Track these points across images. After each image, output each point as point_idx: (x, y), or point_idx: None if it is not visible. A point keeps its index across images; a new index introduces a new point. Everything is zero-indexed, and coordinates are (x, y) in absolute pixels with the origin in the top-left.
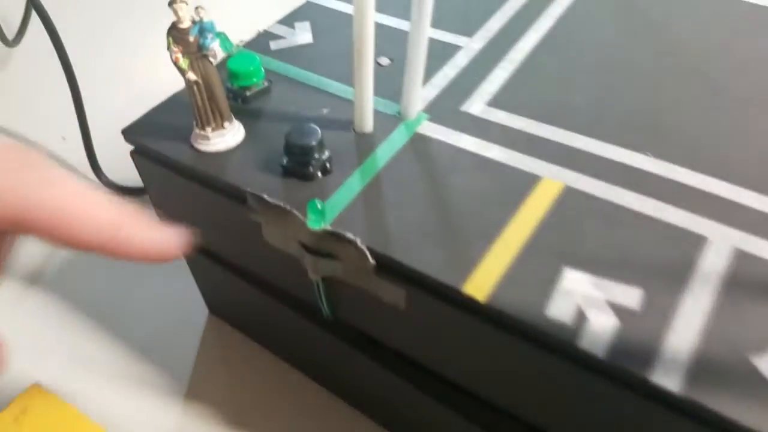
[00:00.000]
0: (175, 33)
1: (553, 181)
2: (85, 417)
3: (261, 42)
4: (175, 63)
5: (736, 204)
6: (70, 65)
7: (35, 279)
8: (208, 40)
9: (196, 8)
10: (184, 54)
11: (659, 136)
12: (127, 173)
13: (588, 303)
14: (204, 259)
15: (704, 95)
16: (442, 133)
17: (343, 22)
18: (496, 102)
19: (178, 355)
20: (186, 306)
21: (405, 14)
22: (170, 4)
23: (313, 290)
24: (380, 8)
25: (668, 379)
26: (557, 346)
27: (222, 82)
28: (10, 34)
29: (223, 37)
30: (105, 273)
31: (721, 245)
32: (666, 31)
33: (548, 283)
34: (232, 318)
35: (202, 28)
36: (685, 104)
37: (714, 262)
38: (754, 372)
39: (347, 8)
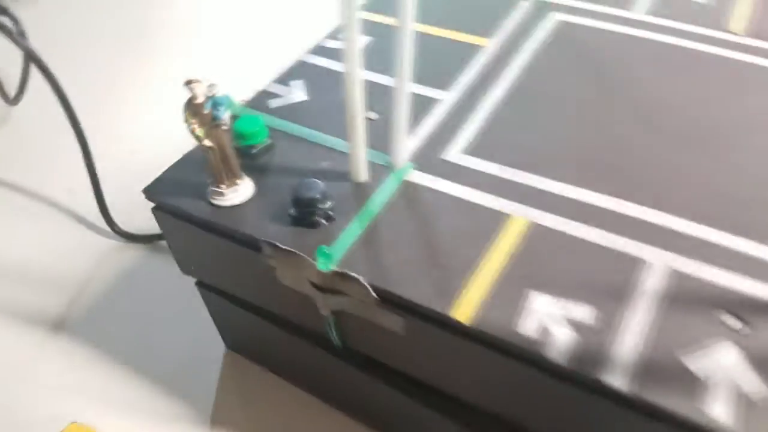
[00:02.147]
0: (191, 107)
1: (521, 218)
2: None
3: (260, 100)
4: (192, 132)
5: (671, 230)
6: (75, 117)
7: (59, 326)
8: (221, 112)
9: (210, 86)
10: (199, 125)
11: (609, 174)
12: (135, 222)
13: (551, 320)
14: (221, 300)
15: (647, 136)
16: (427, 179)
17: (335, 80)
18: (470, 150)
19: (201, 389)
20: (205, 343)
21: (390, 70)
22: (187, 84)
23: (324, 323)
24: (366, 65)
25: (617, 379)
26: (528, 356)
27: (230, 139)
28: (10, 92)
29: (232, 106)
30: (125, 316)
31: (658, 267)
32: (616, 79)
33: (518, 305)
34: (248, 351)
35: (216, 102)
36: (631, 145)
37: (653, 281)
38: (686, 369)
39: (337, 66)
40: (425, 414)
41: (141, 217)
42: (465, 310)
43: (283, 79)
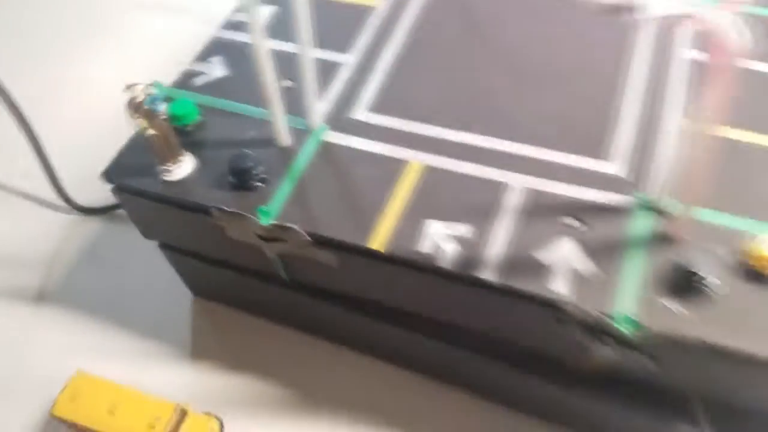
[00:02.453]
0: (133, 105)
1: (416, 163)
2: (127, 387)
3: (186, 81)
4: (137, 125)
5: (525, 157)
6: (15, 105)
7: (40, 298)
8: (158, 106)
9: (146, 86)
10: (142, 118)
11: (479, 116)
12: (90, 195)
13: (441, 239)
14: (182, 257)
15: (508, 80)
16: (340, 138)
17: (249, 52)
18: (373, 107)
19: (178, 331)
20: (173, 293)
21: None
22: (127, 88)
23: (273, 264)
24: (275, 35)
25: (489, 274)
26: (427, 268)
27: (169, 126)
28: None
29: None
30: (99, 280)
31: (516, 187)
32: (489, 30)
33: (418, 231)
34: (212, 295)
35: (153, 99)
36: (497, 90)
37: (513, 199)
38: (538, 261)
39: (249, 39)
40: (360, 320)
41: (93, 189)
42: (380, 240)
43: (203, 57)
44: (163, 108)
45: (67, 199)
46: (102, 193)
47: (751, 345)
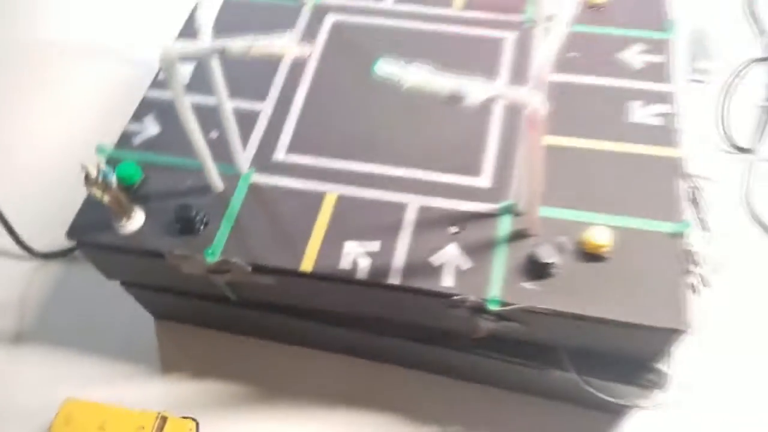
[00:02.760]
0: (90, 181)
1: (332, 193)
2: (112, 406)
3: (125, 141)
4: (95, 195)
5: (417, 180)
6: None
7: (17, 339)
8: (110, 178)
9: (98, 164)
10: (97, 190)
11: (381, 148)
12: (46, 240)
13: (357, 255)
14: (143, 291)
15: (397, 114)
16: (266, 178)
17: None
18: (291, 148)
19: (147, 351)
20: (137, 319)
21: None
22: (83, 169)
23: (222, 288)
24: (197, 90)
25: (394, 279)
26: (348, 280)
27: (120, 190)
28: None
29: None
30: (69, 317)
31: (411, 206)
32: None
33: (338, 251)
34: (173, 317)
35: (105, 173)
36: (389, 123)
37: (409, 216)
38: (430, 264)
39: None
40: (300, 324)
41: (48, 235)
42: (308, 263)
43: (137, 117)
44: (114, 178)
45: (26, 248)
46: (58, 238)
47: (585, 308)
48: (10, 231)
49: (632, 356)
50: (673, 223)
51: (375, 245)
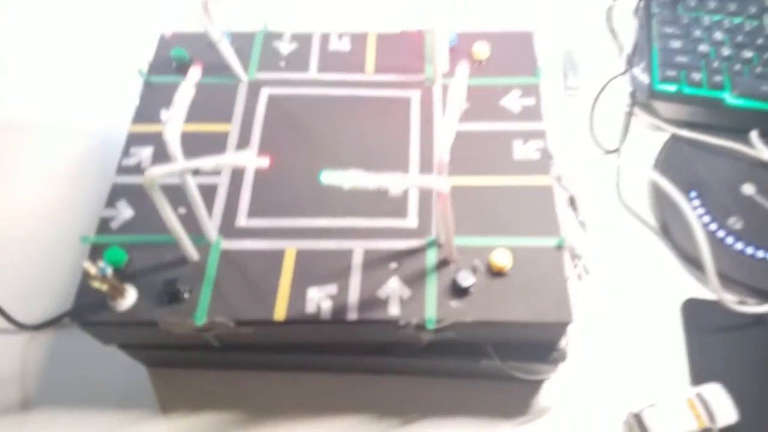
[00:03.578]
0: (91, 277)
1: (291, 248)
2: None
3: (104, 226)
4: (97, 287)
5: (360, 227)
6: None
7: (25, 407)
8: (107, 272)
9: (96, 261)
10: (99, 282)
11: (326, 202)
12: (32, 312)
13: (319, 299)
14: (137, 350)
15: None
16: (232, 243)
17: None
18: (250, 214)
19: (145, 396)
20: (132, 369)
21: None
22: (85, 268)
23: (209, 339)
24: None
25: (351, 314)
26: (314, 321)
27: (114, 278)
28: None
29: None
30: (69, 380)
31: (357, 250)
32: (311, 133)
33: (303, 298)
34: (163, 364)
35: (103, 269)
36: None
37: (357, 259)
38: (378, 298)
39: (139, 180)
40: (276, 356)
41: (32, 306)
42: (280, 312)
43: (111, 203)
44: (110, 272)
45: (15, 322)
46: (39, 308)
47: (497, 315)
48: (0, 310)
49: (539, 342)
50: (555, 237)
51: (333, 288)
